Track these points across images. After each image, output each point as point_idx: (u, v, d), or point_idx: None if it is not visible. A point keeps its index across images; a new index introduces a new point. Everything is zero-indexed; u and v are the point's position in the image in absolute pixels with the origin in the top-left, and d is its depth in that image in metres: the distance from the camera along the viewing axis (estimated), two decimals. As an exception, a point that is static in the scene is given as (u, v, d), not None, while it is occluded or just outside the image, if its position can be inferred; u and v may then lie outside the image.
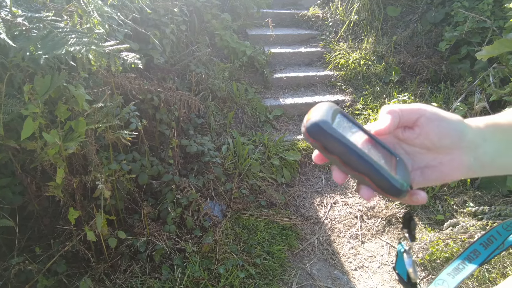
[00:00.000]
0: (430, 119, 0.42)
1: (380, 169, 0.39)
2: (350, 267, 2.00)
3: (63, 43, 1.02)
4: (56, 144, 1.34)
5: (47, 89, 1.30)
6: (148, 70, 2.40)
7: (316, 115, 0.40)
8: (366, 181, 0.40)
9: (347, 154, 0.39)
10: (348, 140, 0.39)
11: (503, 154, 0.44)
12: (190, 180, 2.16)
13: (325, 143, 0.39)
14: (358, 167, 0.39)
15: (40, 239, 1.74)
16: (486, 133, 0.44)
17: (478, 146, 0.43)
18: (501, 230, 0.58)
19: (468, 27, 2.91)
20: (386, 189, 0.39)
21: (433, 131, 0.42)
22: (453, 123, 0.42)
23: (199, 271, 1.79)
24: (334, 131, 0.39)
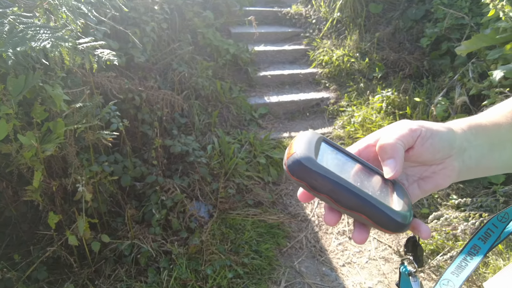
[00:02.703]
0: (424, 138, 0.40)
1: (378, 204, 0.35)
2: (338, 263, 2.01)
3: (28, 39, 0.97)
4: (32, 146, 1.29)
5: (21, 89, 1.24)
6: (129, 69, 2.34)
7: (298, 150, 0.36)
8: (364, 219, 0.36)
9: (338, 191, 0.35)
10: (337, 176, 0.35)
11: (485, 157, 0.44)
12: (175, 181, 2.12)
13: (311, 182, 0.35)
14: (352, 205, 0.35)
15: (19, 245, 1.68)
16: (469, 135, 0.44)
17: (465, 149, 0.43)
18: (497, 222, 0.58)
19: (448, 23, 2.97)
20: (387, 225, 0.35)
21: (427, 150, 0.40)
22: (444, 135, 0.41)
23: (186, 272, 1.76)
24: (319, 167, 0.35)
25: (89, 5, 1.64)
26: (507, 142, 0.46)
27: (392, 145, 0.39)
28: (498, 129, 0.46)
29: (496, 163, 0.47)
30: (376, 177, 0.39)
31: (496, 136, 0.46)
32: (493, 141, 0.45)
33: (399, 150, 0.39)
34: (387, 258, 2.04)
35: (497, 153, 0.46)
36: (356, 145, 0.43)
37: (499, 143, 0.46)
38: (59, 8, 1.13)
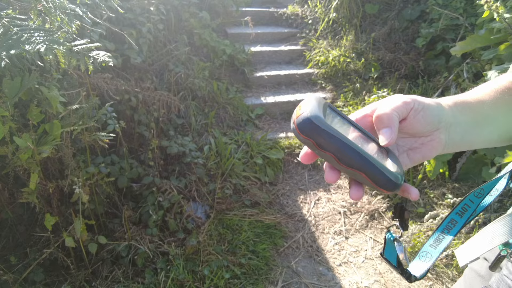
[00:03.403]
0: (417, 110, 0.43)
1: (376, 164, 0.38)
2: (335, 263, 2.02)
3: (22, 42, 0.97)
4: (28, 148, 1.29)
5: (17, 91, 1.24)
6: (125, 70, 2.34)
7: (307, 110, 0.38)
8: (362, 177, 0.39)
9: (342, 150, 0.37)
10: (342, 135, 0.37)
11: (470, 132, 0.48)
12: (172, 182, 2.13)
13: (318, 140, 0.37)
14: (354, 164, 0.38)
15: (16, 248, 1.67)
16: (456, 112, 0.47)
17: (451, 124, 0.46)
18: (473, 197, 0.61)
19: (443, 24, 2.99)
20: (383, 184, 0.38)
21: (419, 122, 0.44)
22: (434, 109, 0.44)
23: (183, 273, 1.77)
24: (327, 126, 0.37)
25: (84, 6, 1.64)
26: (490, 118, 0.50)
27: (388, 115, 0.41)
28: (481, 106, 0.49)
29: (480, 138, 0.50)
30: (373, 144, 0.42)
31: (480, 112, 0.49)
32: (477, 117, 0.49)
33: (394, 120, 0.41)
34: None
35: (480, 129, 0.49)
36: (354, 115, 0.45)
37: (482, 120, 0.49)
38: (53, 11, 1.13)
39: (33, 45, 1.04)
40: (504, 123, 0.51)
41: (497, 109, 0.50)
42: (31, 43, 1.04)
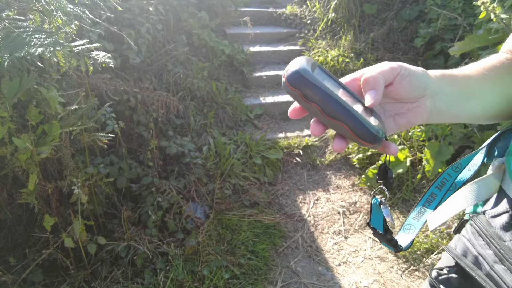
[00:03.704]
0: (403, 76, 0.45)
1: (358, 117, 0.40)
2: (334, 263, 2.02)
3: (24, 44, 0.97)
4: (27, 149, 1.28)
5: (16, 92, 1.24)
6: (124, 70, 2.34)
7: (297, 65, 0.40)
8: (344, 129, 0.41)
9: (326, 102, 0.39)
10: (327, 88, 0.40)
11: (455, 104, 0.50)
12: (171, 182, 2.13)
13: (305, 91, 0.39)
14: (337, 115, 0.40)
15: (14, 248, 1.67)
16: (442, 82, 0.49)
17: (437, 93, 0.48)
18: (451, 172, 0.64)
19: (441, 24, 3.00)
20: (364, 135, 0.40)
21: (405, 87, 0.45)
22: (420, 76, 0.46)
23: (183, 274, 1.77)
24: (314, 79, 0.39)
25: (83, 6, 1.63)
26: (476, 93, 0.51)
27: (374, 78, 0.43)
28: (468, 81, 0.51)
29: (465, 111, 0.51)
30: (358, 104, 0.44)
31: (466, 86, 0.51)
32: (463, 90, 0.50)
33: (380, 82, 0.43)
34: (383, 257, 2.05)
35: (466, 101, 0.51)
36: (343, 79, 0.47)
37: (468, 94, 0.51)
38: (54, 13, 1.13)
39: (35, 47, 1.04)
40: (489, 98, 0.53)
41: (483, 84, 0.52)
42: (33, 45, 1.04)
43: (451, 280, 0.56)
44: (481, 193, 0.54)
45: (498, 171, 0.54)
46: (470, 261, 0.52)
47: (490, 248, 0.49)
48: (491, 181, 0.54)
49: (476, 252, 0.51)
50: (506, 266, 0.46)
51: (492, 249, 0.49)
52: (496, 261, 0.48)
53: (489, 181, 0.54)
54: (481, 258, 0.50)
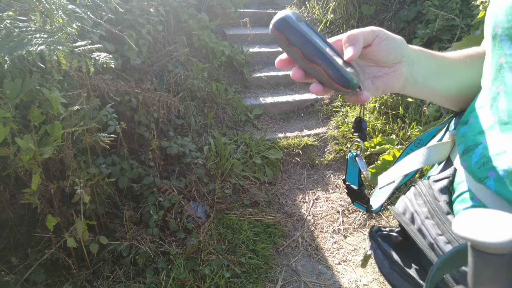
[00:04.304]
0: (381, 38, 0.48)
1: (334, 63, 0.43)
2: (334, 262, 2.04)
3: (25, 43, 0.98)
4: (30, 149, 1.30)
5: (18, 92, 1.25)
6: (125, 71, 2.35)
7: (283, 13, 0.44)
8: (321, 73, 0.44)
9: (306, 46, 0.43)
10: (309, 35, 0.44)
11: (431, 79, 0.53)
12: (172, 182, 2.14)
13: (288, 35, 0.43)
14: (315, 59, 0.43)
15: (17, 248, 1.68)
16: (420, 54, 0.52)
17: (414, 62, 0.50)
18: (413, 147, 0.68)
19: (439, 24, 3.02)
20: (337, 79, 0.43)
21: (382, 49, 0.48)
22: (398, 41, 0.49)
23: (184, 273, 1.78)
24: (297, 25, 0.43)
25: (85, 7, 1.65)
26: (451, 72, 0.55)
27: (354, 35, 0.46)
28: (444, 60, 0.55)
29: (440, 87, 0.54)
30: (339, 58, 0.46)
31: (443, 64, 0.54)
32: (440, 67, 0.54)
33: (359, 39, 0.46)
34: (382, 255, 2.07)
35: (441, 78, 0.54)
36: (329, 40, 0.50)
37: (444, 71, 0.54)
38: (54, 12, 1.14)
39: (36, 46, 1.05)
40: (463, 78, 0.56)
41: (459, 66, 0.56)
42: (34, 44, 1.05)
43: (391, 237, 0.61)
44: (430, 158, 0.58)
45: (449, 140, 0.58)
46: (407, 218, 0.56)
47: (425, 206, 0.53)
48: (441, 148, 0.58)
49: (413, 209, 0.56)
50: (434, 221, 0.50)
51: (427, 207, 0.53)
52: (428, 217, 0.52)
53: (439, 148, 0.58)
54: (415, 214, 0.55)
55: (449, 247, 0.46)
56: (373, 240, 0.61)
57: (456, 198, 0.51)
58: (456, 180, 0.53)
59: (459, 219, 0.31)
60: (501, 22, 0.44)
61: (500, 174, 0.41)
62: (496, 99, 0.45)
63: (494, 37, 0.45)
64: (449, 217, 0.49)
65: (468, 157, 0.47)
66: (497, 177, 0.41)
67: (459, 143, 0.52)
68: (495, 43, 0.45)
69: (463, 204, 0.49)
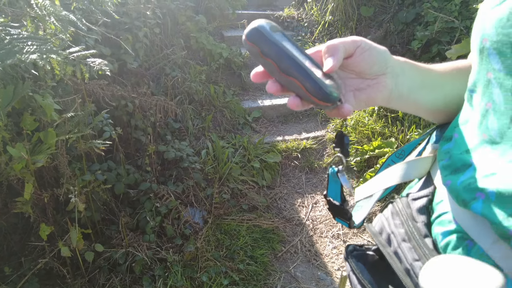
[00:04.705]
0: (364, 49, 0.45)
1: (312, 75, 0.41)
2: (333, 267, 2.02)
3: (16, 51, 0.95)
4: (22, 158, 1.27)
5: (10, 99, 1.22)
6: (121, 75, 2.32)
7: (256, 23, 0.42)
8: (298, 86, 0.41)
9: (282, 58, 0.40)
10: (283, 45, 0.41)
11: (417, 91, 0.50)
12: (169, 187, 2.11)
13: (262, 46, 0.40)
14: (290, 71, 0.40)
15: (10, 257, 1.65)
16: (405, 66, 0.49)
17: (398, 74, 0.48)
18: (395, 158, 0.66)
19: (438, 26, 3.00)
20: (316, 93, 0.40)
21: (364, 60, 0.45)
22: (381, 52, 0.47)
23: (182, 280, 1.75)
24: (271, 36, 0.41)
25: (79, 12, 1.62)
26: (437, 84, 0.53)
27: (334, 45, 0.44)
28: (430, 72, 0.52)
29: (425, 100, 0.52)
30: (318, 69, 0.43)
31: (428, 77, 0.52)
32: (425, 79, 0.51)
33: (339, 50, 0.43)
34: (382, 261, 2.05)
35: (427, 91, 0.51)
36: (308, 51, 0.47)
37: (429, 84, 0.52)
38: (47, 18, 1.11)
39: (27, 54, 1.02)
40: (449, 92, 0.53)
41: (444, 78, 0.53)
42: (25, 52, 1.03)
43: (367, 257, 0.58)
44: (409, 173, 0.55)
45: (430, 155, 0.55)
46: (384, 238, 0.54)
47: (403, 227, 0.51)
48: (421, 164, 0.55)
49: (390, 230, 0.53)
50: (411, 245, 0.48)
51: (404, 228, 0.50)
52: (405, 239, 0.49)
53: (419, 163, 0.55)
54: (392, 235, 0.52)
55: None
56: (347, 261, 0.58)
57: (434, 219, 0.49)
58: (435, 200, 0.51)
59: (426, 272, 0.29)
60: (489, 35, 0.41)
61: (489, 196, 0.39)
62: (485, 116, 0.42)
63: (482, 51, 0.43)
64: (427, 241, 0.47)
65: (455, 176, 0.45)
66: (485, 198, 0.39)
67: (440, 159, 0.50)
68: (482, 57, 0.43)
69: (442, 227, 0.47)
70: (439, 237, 0.47)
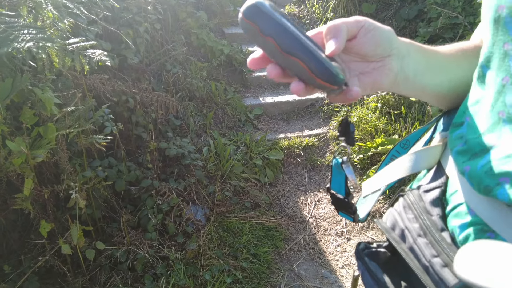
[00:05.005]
0: (367, 29, 0.42)
1: (315, 53, 0.37)
2: (337, 265, 1.99)
3: (11, 40, 0.92)
4: (22, 152, 1.23)
5: (8, 93, 1.19)
6: (122, 70, 2.29)
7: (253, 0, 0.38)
8: (302, 67, 0.37)
9: (283, 35, 0.36)
10: (284, 23, 0.37)
11: (422, 74, 0.47)
12: (171, 185, 2.08)
13: (261, 24, 0.36)
14: (293, 50, 0.37)
15: (9, 255, 1.62)
16: (410, 47, 0.46)
17: (404, 56, 0.45)
18: (399, 148, 0.64)
19: (441, 23, 2.98)
20: (322, 74, 0.37)
21: (369, 42, 0.42)
22: (385, 32, 0.43)
23: (184, 278, 1.72)
24: (271, 12, 0.37)
25: (80, 4, 1.59)
26: (443, 67, 0.50)
27: (336, 26, 0.41)
28: (436, 54, 0.50)
29: (431, 84, 0.49)
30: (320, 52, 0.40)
31: (434, 59, 0.49)
32: (430, 62, 0.48)
33: (342, 31, 0.40)
34: (387, 259, 2.02)
35: (433, 74, 0.49)
36: (308, 33, 0.44)
37: (435, 66, 0.49)
38: (44, 6, 1.08)
39: (23, 43, 0.99)
40: (455, 74, 0.51)
41: (450, 60, 0.51)
42: (21, 41, 0.99)
43: (379, 254, 0.55)
44: (418, 164, 0.52)
45: (440, 143, 0.52)
46: (397, 234, 0.51)
47: (417, 222, 0.48)
48: (430, 153, 0.52)
49: (403, 225, 0.50)
50: (428, 240, 0.45)
51: (419, 222, 0.48)
52: (420, 235, 0.47)
53: (428, 152, 0.52)
54: (406, 231, 0.49)
55: (447, 271, 0.41)
56: (360, 261, 0.55)
57: (450, 211, 0.46)
58: (449, 190, 0.48)
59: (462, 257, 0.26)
60: (506, 1, 0.37)
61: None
62: (501, 92, 0.39)
63: (497, 20, 0.39)
64: (444, 235, 0.44)
65: (474, 162, 0.41)
66: (511, 183, 0.36)
67: (453, 146, 0.47)
68: (497, 27, 0.39)
69: (459, 219, 0.44)
70: (456, 230, 0.44)
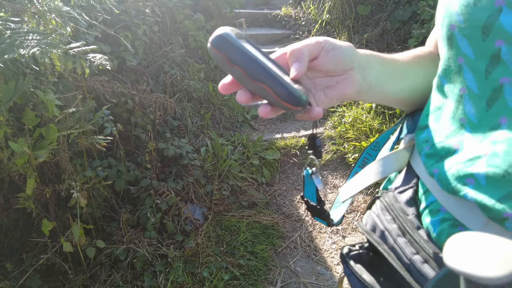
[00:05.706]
0: (327, 49, 0.45)
1: (279, 79, 0.40)
2: (333, 262, 2.03)
3: (16, 45, 0.96)
4: (24, 153, 1.27)
5: (11, 95, 1.23)
6: (121, 72, 2.33)
7: (221, 30, 0.41)
8: (267, 91, 0.41)
9: (250, 64, 0.40)
10: (250, 51, 0.41)
11: (383, 82, 0.51)
12: (169, 184, 2.12)
13: (229, 53, 0.40)
14: (259, 77, 0.40)
15: (11, 253, 1.65)
16: (371, 59, 0.50)
17: (365, 68, 0.48)
18: (370, 151, 0.67)
19: (434, 24, 3.03)
20: (286, 97, 0.40)
21: (330, 60, 0.45)
22: (345, 49, 0.46)
23: (183, 276, 1.76)
24: (237, 42, 0.40)
25: (79, 8, 1.63)
26: (402, 74, 0.53)
27: (298, 50, 0.44)
28: (394, 63, 0.53)
29: (393, 90, 0.53)
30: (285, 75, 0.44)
31: (393, 67, 0.53)
32: (390, 70, 0.52)
33: (304, 54, 0.44)
34: (381, 256, 2.07)
35: (393, 81, 0.52)
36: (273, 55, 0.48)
37: (395, 73, 0.53)
38: (48, 14, 1.12)
39: (28, 48, 1.03)
40: (413, 81, 0.54)
41: (407, 68, 0.54)
42: (26, 47, 1.03)
43: (362, 256, 0.57)
44: (389, 167, 0.55)
45: (407, 146, 0.56)
46: (378, 236, 0.53)
47: (395, 222, 0.50)
48: (399, 156, 0.56)
49: (383, 226, 0.53)
50: (407, 239, 0.48)
51: (397, 223, 0.50)
52: (399, 235, 0.49)
53: (397, 155, 0.56)
54: (386, 232, 0.52)
55: (426, 267, 0.44)
56: (345, 264, 0.57)
57: (423, 210, 0.49)
58: (421, 190, 0.51)
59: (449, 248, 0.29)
60: (457, 21, 0.41)
61: (479, 180, 0.39)
62: (460, 102, 0.43)
63: (450, 38, 0.43)
64: (421, 232, 0.47)
65: (441, 165, 0.44)
66: (476, 183, 0.39)
67: (420, 148, 0.50)
68: (451, 44, 0.43)
69: (431, 217, 0.47)
70: (431, 227, 0.47)
